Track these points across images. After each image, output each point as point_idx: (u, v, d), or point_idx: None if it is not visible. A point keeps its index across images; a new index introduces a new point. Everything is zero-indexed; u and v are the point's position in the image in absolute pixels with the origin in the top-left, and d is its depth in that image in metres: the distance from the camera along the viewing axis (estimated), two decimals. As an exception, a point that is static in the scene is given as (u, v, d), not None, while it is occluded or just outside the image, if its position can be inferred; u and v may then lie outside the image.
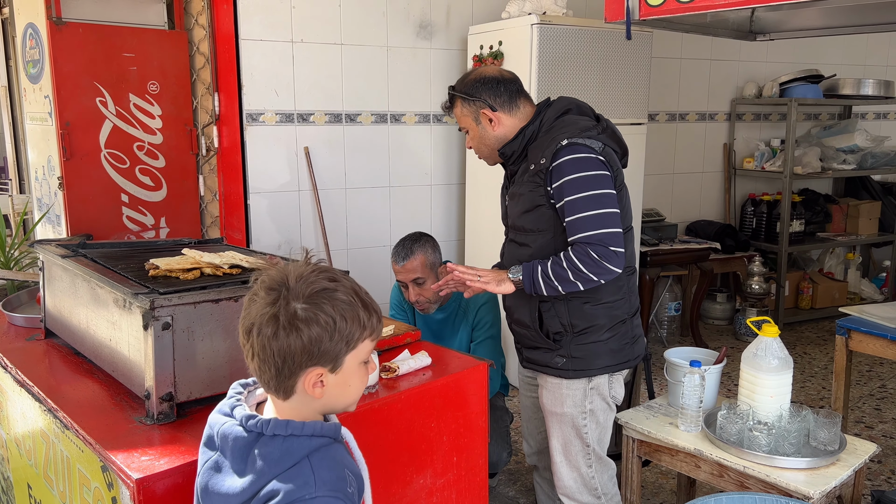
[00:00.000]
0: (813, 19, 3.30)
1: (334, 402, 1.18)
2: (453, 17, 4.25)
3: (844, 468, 1.98)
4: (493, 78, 2.09)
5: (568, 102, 2.10)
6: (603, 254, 1.89)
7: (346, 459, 1.17)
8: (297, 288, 1.11)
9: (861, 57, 6.01)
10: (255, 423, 1.12)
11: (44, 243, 2.14)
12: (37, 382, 1.76)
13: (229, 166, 3.85)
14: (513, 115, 2.09)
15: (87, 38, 3.53)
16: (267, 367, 1.12)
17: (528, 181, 2.03)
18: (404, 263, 2.62)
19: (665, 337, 4.92)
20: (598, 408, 2.13)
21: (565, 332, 2.06)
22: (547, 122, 2.05)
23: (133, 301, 1.55)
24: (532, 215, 2.03)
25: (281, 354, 1.10)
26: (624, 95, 3.99)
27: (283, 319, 1.09)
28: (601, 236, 1.89)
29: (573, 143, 1.95)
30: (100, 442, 1.45)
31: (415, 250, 2.61)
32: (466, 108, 2.10)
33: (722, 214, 5.69)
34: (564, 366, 2.08)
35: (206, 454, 1.20)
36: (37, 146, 3.89)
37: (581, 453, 2.15)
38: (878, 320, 3.00)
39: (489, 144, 2.13)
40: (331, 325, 1.11)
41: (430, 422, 1.79)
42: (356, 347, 1.15)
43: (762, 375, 2.09)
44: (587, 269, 1.90)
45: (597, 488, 2.18)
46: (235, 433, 1.13)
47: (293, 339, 1.09)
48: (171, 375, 1.55)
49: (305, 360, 1.11)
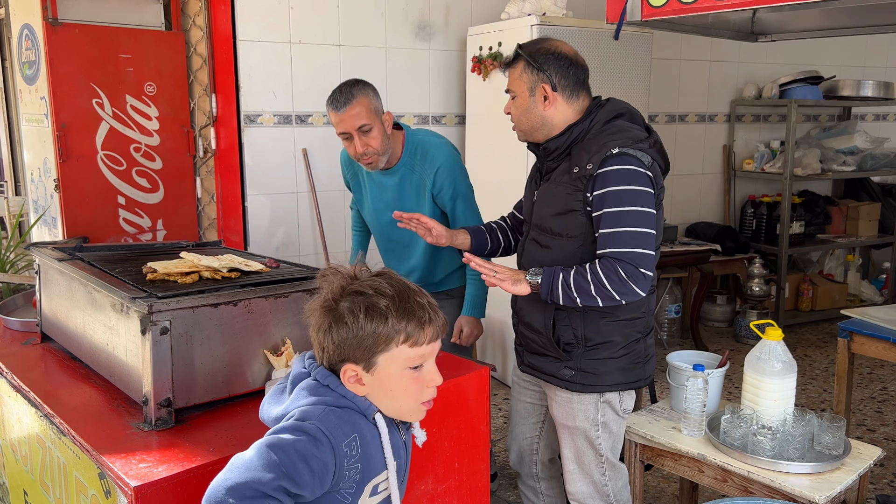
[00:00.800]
0: (814, 20, 3.29)
1: (380, 401, 1.26)
2: (452, 17, 4.24)
3: (850, 473, 1.96)
4: (567, 57, 1.98)
5: (621, 106, 2.00)
6: (631, 273, 1.81)
7: (364, 430, 1.22)
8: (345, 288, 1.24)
9: (860, 58, 6.01)
10: (310, 364, 1.28)
11: (40, 246, 2.11)
12: (33, 387, 1.73)
13: (227, 168, 3.82)
14: (570, 103, 1.98)
15: (84, 39, 3.51)
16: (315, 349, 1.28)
17: (567, 183, 1.92)
18: (346, 109, 2.28)
19: (665, 339, 4.91)
20: (610, 420, 2.07)
21: (577, 344, 1.98)
22: (597, 124, 1.95)
23: (131, 305, 1.53)
24: (564, 219, 1.94)
25: (320, 346, 1.26)
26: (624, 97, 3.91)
27: (320, 314, 1.24)
28: (634, 255, 1.81)
29: (624, 154, 1.84)
30: (97, 448, 1.43)
31: (355, 94, 2.29)
32: (526, 74, 1.96)
33: (722, 216, 5.67)
34: (573, 378, 2.01)
35: (274, 387, 1.34)
36: (32, 148, 3.86)
37: (594, 462, 2.09)
38: (880, 323, 2.99)
39: (532, 121, 1.99)
40: (357, 326, 1.21)
41: (432, 427, 1.77)
42: (388, 351, 1.22)
43: (766, 379, 2.07)
44: (611, 286, 1.81)
45: (609, 495, 2.12)
46: (298, 370, 1.29)
47: (327, 337, 1.23)
48: (170, 381, 1.52)
49: (338, 355, 1.23)
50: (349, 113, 2.29)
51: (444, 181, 2.41)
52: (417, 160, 2.44)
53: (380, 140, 2.34)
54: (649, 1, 2.36)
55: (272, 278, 1.76)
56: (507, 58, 2.03)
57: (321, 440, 1.15)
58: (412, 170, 2.45)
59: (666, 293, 4.89)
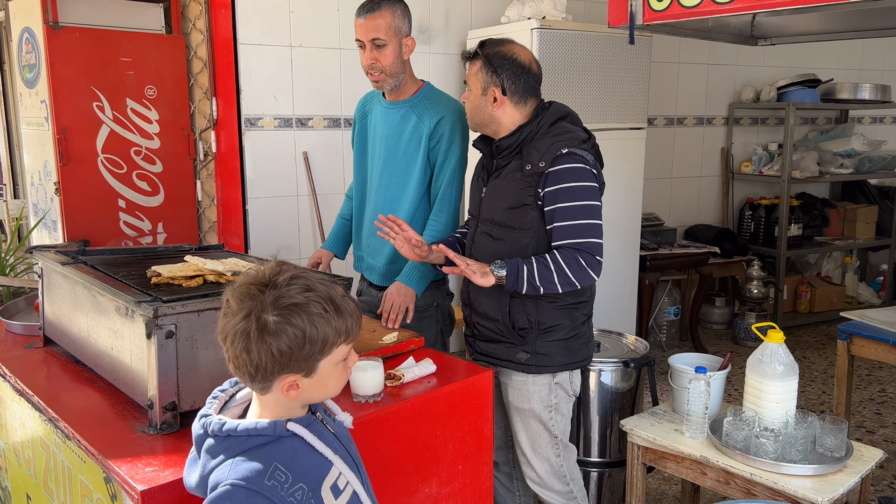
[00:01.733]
0: (813, 24, 3.31)
1: (311, 399, 1.23)
2: (452, 21, 4.25)
3: (852, 475, 1.97)
4: (522, 65, 2.08)
5: (564, 109, 2.14)
6: (589, 261, 1.99)
7: (286, 453, 1.17)
8: (268, 300, 1.13)
9: (857, 61, 6.03)
10: (206, 422, 1.21)
11: (42, 249, 2.11)
12: (36, 391, 1.73)
13: (227, 171, 3.82)
14: (517, 107, 2.10)
15: (84, 42, 3.51)
16: (242, 373, 1.17)
17: (519, 179, 2.06)
18: (366, 17, 2.28)
19: (664, 341, 4.92)
20: (561, 401, 2.21)
21: (531, 328, 2.12)
22: (544, 126, 2.09)
23: (136, 309, 1.53)
24: (517, 213, 2.07)
25: (253, 364, 1.14)
26: (623, 100, 3.99)
27: (253, 333, 1.12)
28: (590, 245, 1.99)
29: (572, 153, 2.01)
30: (102, 452, 1.43)
31: (381, 5, 2.27)
32: (482, 73, 2.09)
33: (720, 218, 5.69)
34: (528, 361, 2.14)
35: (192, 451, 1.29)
36: (33, 151, 3.86)
37: (550, 444, 2.22)
38: (880, 325, 3.00)
39: (481, 117, 2.13)
40: (300, 336, 1.13)
41: (436, 430, 1.77)
42: (330, 353, 1.18)
43: (768, 382, 2.08)
44: (572, 274, 1.98)
45: (565, 475, 2.26)
46: (197, 432, 1.23)
47: (263, 351, 1.12)
48: (175, 384, 1.52)
49: (277, 369, 1.15)
50: (369, 22, 2.28)
51: (443, 131, 2.34)
52: (427, 103, 2.39)
53: (391, 59, 2.30)
54: (651, 5, 2.38)
55: (276, 282, 1.76)
56: (469, 51, 2.15)
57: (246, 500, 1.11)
58: (417, 109, 2.39)
59: (665, 295, 4.90)
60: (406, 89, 2.41)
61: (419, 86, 2.43)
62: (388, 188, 2.44)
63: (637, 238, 4.28)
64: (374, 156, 2.50)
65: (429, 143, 2.35)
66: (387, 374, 1.75)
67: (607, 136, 3.90)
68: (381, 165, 2.45)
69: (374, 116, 2.51)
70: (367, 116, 2.55)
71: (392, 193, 2.43)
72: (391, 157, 2.42)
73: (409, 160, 2.39)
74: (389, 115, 2.43)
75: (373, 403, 1.66)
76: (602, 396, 2.68)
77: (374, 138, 2.50)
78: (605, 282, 4.06)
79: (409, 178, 2.39)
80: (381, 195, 2.46)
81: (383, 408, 1.65)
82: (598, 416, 2.70)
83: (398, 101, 2.42)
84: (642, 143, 4.13)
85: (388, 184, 2.43)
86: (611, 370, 2.65)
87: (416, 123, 2.37)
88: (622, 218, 4.11)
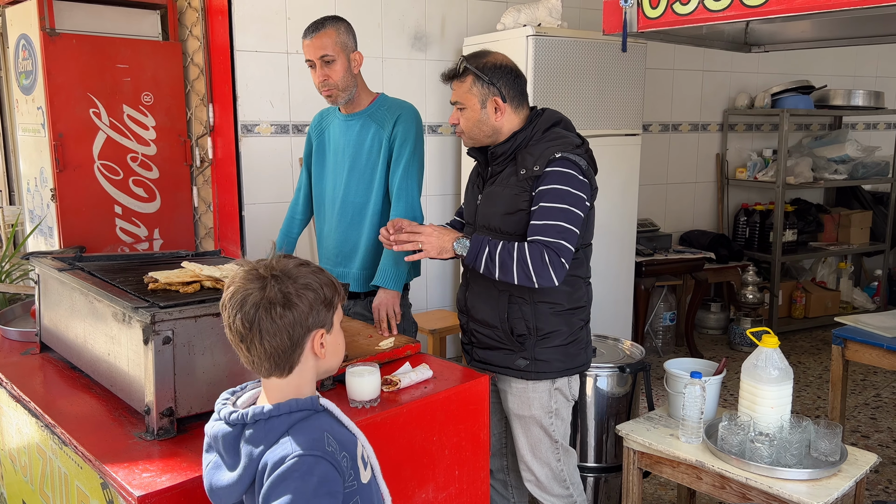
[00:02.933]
0: (806, 31, 3.34)
1: (329, 362, 1.32)
2: (448, 28, 4.27)
3: (846, 479, 1.97)
4: (512, 70, 2.11)
5: (557, 115, 2.17)
6: (553, 261, 1.96)
7: (326, 424, 1.25)
8: (276, 273, 1.24)
9: (850, 68, 6.07)
10: (237, 417, 1.24)
11: (39, 256, 2.11)
12: (33, 398, 1.73)
13: (224, 177, 3.83)
14: (516, 112, 2.12)
15: (81, 49, 3.52)
16: (275, 345, 1.22)
17: (514, 185, 2.08)
18: (312, 37, 2.38)
19: (660, 347, 4.93)
20: (561, 406, 2.21)
21: (529, 334, 2.12)
22: (538, 132, 2.11)
23: (133, 315, 1.53)
24: (512, 218, 2.08)
25: (292, 326, 1.23)
26: (618, 106, 4.01)
27: (280, 299, 1.22)
28: (559, 246, 1.97)
29: (565, 158, 2.03)
30: (99, 458, 1.43)
31: (326, 25, 2.38)
32: (476, 88, 2.08)
33: (715, 224, 5.71)
34: (527, 367, 2.14)
35: (207, 458, 1.30)
36: (29, 157, 3.86)
37: (550, 449, 2.22)
38: (874, 330, 3.01)
39: (484, 131, 2.13)
40: (319, 291, 1.26)
41: (432, 435, 1.78)
42: (336, 308, 1.30)
43: (763, 386, 2.09)
44: (532, 267, 1.96)
45: (565, 479, 2.26)
46: (223, 431, 1.25)
47: (296, 311, 1.23)
48: (172, 390, 1.53)
49: (311, 324, 1.25)
50: (315, 42, 2.38)
51: (399, 129, 2.42)
52: (384, 110, 2.48)
53: (341, 74, 2.39)
54: (645, 12, 2.39)
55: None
56: (453, 70, 2.13)
57: (317, 467, 1.16)
58: (375, 117, 2.47)
59: (660, 301, 4.92)
60: (360, 101, 2.50)
61: (374, 97, 2.52)
62: (356, 195, 2.50)
63: (633, 244, 4.29)
64: (336, 168, 2.56)
65: (389, 145, 2.44)
66: (383, 379, 1.76)
67: (603, 142, 3.92)
68: (347, 176, 2.50)
69: (332, 131, 2.58)
70: (325, 132, 2.62)
71: (360, 200, 2.50)
72: (355, 167, 2.49)
73: (373, 166, 2.47)
74: (349, 127, 2.51)
75: (369, 409, 1.67)
76: (598, 401, 2.69)
77: (335, 151, 2.56)
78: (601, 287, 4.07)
79: (374, 183, 2.47)
80: (349, 203, 2.52)
81: (380, 413, 1.66)
82: (594, 421, 2.71)
83: (355, 112, 2.50)
84: (637, 149, 4.15)
85: (356, 191, 2.50)
86: (607, 375, 2.66)
87: (375, 130, 2.46)
88: (618, 223, 4.13)
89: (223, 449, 1.25)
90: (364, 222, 2.50)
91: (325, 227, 2.63)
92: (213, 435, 1.27)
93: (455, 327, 3.89)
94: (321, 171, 2.62)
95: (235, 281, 1.25)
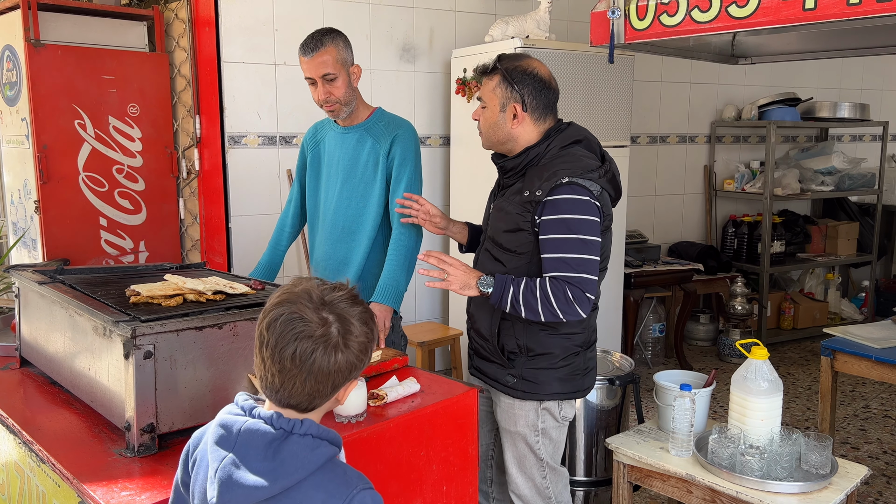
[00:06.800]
0: (792, 44, 3.36)
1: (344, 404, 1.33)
2: (436, 40, 4.27)
3: (837, 492, 1.96)
4: (543, 81, 2.04)
5: (578, 133, 2.07)
6: (577, 296, 1.91)
7: None
8: (334, 310, 1.18)
9: (836, 80, 6.13)
10: (286, 422, 1.15)
11: (20, 268, 2.08)
12: (11, 413, 1.69)
13: (210, 189, 3.80)
14: (536, 124, 2.05)
15: (66, 60, 3.49)
16: (316, 385, 1.17)
17: (517, 203, 2.02)
18: (313, 55, 2.33)
19: (650, 358, 4.92)
20: (550, 426, 2.14)
21: (520, 353, 2.08)
22: (553, 149, 2.03)
23: (114, 329, 1.50)
24: (513, 236, 2.04)
25: (336, 371, 1.17)
26: (607, 118, 4.02)
27: (339, 342, 1.17)
28: (581, 280, 1.91)
29: (573, 183, 1.93)
30: (77, 476, 1.40)
31: (325, 42, 2.33)
32: (500, 89, 2.03)
33: (703, 236, 5.73)
34: (515, 385, 2.10)
35: (219, 453, 1.16)
36: (12, 169, 3.82)
37: (535, 466, 2.17)
38: (862, 341, 3.02)
39: (499, 135, 2.08)
40: (367, 341, 1.21)
41: (420, 450, 1.75)
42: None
43: (752, 398, 2.08)
44: (557, 305, 1.91)
45: (551, 497, 2.20)
46: (263, 429, 1.15)
47: (348, 355, 1.18)
48: (153, 406, 1.50)
49: (353, 373, 1.20)
50: (316, 60, 2.34)
51: (397, 148, 2.41)
52: (381, 125, 2.47)
53: (343, 90, 2.37)
54: (633, 24, 2.40)
55: (257, 300, 1.74)
56: (486, 66, 2.09)
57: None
58: (372, 132, 2.46)
59: (649, 312, 4.91)
60: (359, 114, 2.48)
61: (371, 110, 2.51)
62: (349, 208, 2.48)
63: (622, 255, 4.29)
64: (329, 180, 2.54)
65: (387, 162, 2.42)
66: (370, 393, 1.73)
67: (591, 153, 3.92)
68: (340, 187, 2.49)
69: (327, 143, 2.57)
70: (320, 144, 2.60)
71: (352, 213, 2.48)
72: (349, 179, 2.47)
73: (368, 181, 2.45)
74: (345, 140, 2.49)
75: (356, 423, 1.64)
76: (588, 414, 2.67)
77: (329, 163, 2.54)
78: (590, 299, 4.07)
79: (369, 198, 2.44)
80: (342, 215, 2.50)
81: (366, 428, 1.63)
82: (583, 435, 2.69)
83: (352, 125, 2.49)
84: (626, 160, 4.15)
85: (349, 204, 2.48)
86: (596, 388, 2.64)
87: (372, 145, 2.44)
88: (606, 235, 4.12)
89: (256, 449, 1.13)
90: (356, 236, 2.48)
91: (317, 240, 2.61)
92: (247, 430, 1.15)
93: (444, 339, 3.87)
94: (315, 184, 2.60)
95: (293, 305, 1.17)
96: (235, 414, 1.19)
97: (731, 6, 2.16)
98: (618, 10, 2.42)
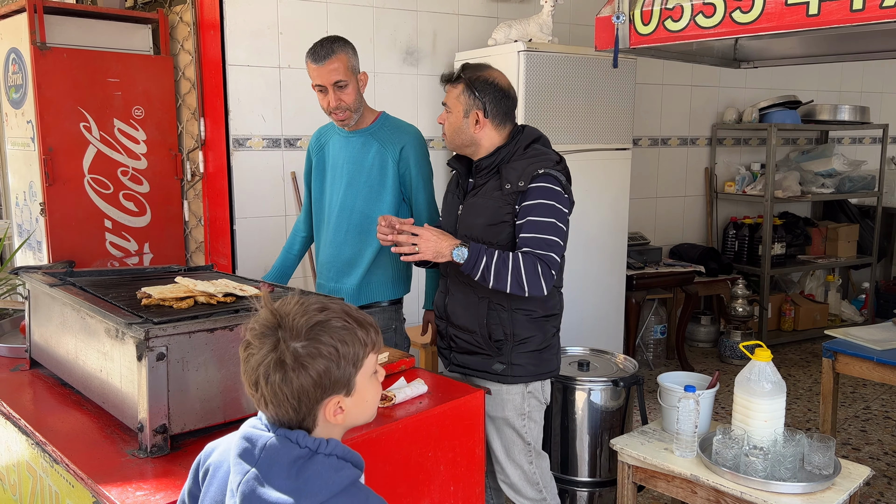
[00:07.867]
0: (793, 48, 3.38)
1: (355, 419, 1.22)
2: (439, 43, 4.29)
3: (840, 493, 1.98)
4: (503, 90, 2.21)
5: (536, 132, 2.26)
6: (545, 273, 2.07)
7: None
8: (290, 327, 1.13)
9: (836, 84, 6.15)
10: (311, 441, 1.14)
11: (28, 270, 2.09)
12: (23, 415, 1.71)
13: (215, 191, 3.82)
14: (497, 130, 2.22)
15: (72, 63, 3.51)
16: (284, 409, 1.14)
17: (498, 197, 2.16)
18: (324, 63, 2.35)
19: (651, 360, 4.94)
20: (534, 409, 2.29)
21: (506, 339, 2.21)
22: (520, 148, 2.20)
23: (126, 331, 1.52)
24: (495, 229, 2.17)
25: (295, 396, 1.13)
26: (609, 121, 4.04)
27: (288, 362, 1.12)
28: (550, 258, 2.09)
29: (548, 174, 2.13)
30: (92, 476, 1.42)
31: (335, 49, 2.36)
32: (464, 97, 2.19)
33: (704, 238, 5.75)
34: (504, 371, 2.23)
35: (242, 466, 1.14)
36: (18, 171, 3.83)
37: (523, 452, 2.29)
38: (864, 343, 3.03)
39: (462, 139, 2.23)
40: (335, 354, 1.14)
41: (428, 451, 1.77)
42: (363, 366, 1.18)
43: (756, 400, 2.09)
44: (525, 277, 2.05)
45: (538, 482, 2.32)
46: (288, 446, 1.13)
47: (303, 377, 1.12)
48: (166, 407, 1.51)
49: (320, 393, 1.14)
50: (327, 67, 2.37)
51: (409, 157, 2.47)
52: (387, 130, 2.51)
53: (353, 97, 2.41)
54: (637, 28, 2.42)
55: (267, 303, 1.75)
56: (450, 74, 2.25)
57: None
58: (378, 136, 2.49)
59: (651, 314, 4.93)
60: (364, 119, 2.52)
61: (376, 115, 2.54)
62: (353, 212, 2.51)
63: (623, 257, 4.31)
64: (334, 183, 2.57)
65: (398, 168, 2.47)
66: (378, 394, 1.75)
67: (593, 156, 3.94)
68: (344, 191, 2.51)
69: (331, 147, 2.60)
70: (325, 148, 2.62)
71: (357, 215, 2.50)
72: (353, 182, 2.50)
73: (374, 184, 2.48)
74: (349, 144, 2.52)
75: (364, 425, 1.65)
76: (592, 415, 2.69)
77: (334, 167, 2.57)
78: (592, 301, 4.09)
79: (377, 202, 2.48)
80: (346, 218, 2.52)
81: (375, 429, 1.65)
82: (587, 436, 2.70)
83: (357, 129, 2.51)
84: (627, 163, 4.17)
85: (353, 207, 2.50)
86: (600, 389, 2.66)
87: (378, 149, 2.48)
88: (608, 237, 4.14)
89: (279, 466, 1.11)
90: (363, 238, 2.51)
91: (322, 242, 2.63)
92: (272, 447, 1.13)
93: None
94: (320, 187, 2.63)
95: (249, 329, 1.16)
96: (260, 428, 1.18)
97: (735, 12, 2.18)
98: (622, 15, 2.44)
